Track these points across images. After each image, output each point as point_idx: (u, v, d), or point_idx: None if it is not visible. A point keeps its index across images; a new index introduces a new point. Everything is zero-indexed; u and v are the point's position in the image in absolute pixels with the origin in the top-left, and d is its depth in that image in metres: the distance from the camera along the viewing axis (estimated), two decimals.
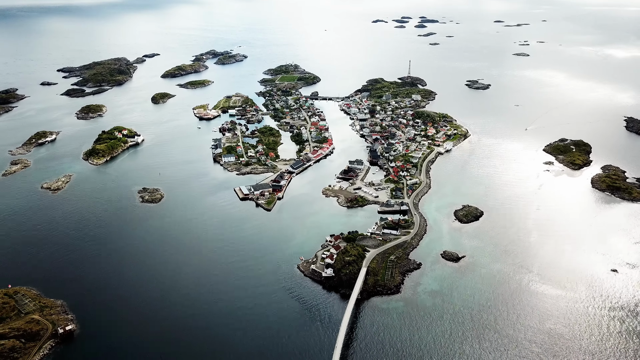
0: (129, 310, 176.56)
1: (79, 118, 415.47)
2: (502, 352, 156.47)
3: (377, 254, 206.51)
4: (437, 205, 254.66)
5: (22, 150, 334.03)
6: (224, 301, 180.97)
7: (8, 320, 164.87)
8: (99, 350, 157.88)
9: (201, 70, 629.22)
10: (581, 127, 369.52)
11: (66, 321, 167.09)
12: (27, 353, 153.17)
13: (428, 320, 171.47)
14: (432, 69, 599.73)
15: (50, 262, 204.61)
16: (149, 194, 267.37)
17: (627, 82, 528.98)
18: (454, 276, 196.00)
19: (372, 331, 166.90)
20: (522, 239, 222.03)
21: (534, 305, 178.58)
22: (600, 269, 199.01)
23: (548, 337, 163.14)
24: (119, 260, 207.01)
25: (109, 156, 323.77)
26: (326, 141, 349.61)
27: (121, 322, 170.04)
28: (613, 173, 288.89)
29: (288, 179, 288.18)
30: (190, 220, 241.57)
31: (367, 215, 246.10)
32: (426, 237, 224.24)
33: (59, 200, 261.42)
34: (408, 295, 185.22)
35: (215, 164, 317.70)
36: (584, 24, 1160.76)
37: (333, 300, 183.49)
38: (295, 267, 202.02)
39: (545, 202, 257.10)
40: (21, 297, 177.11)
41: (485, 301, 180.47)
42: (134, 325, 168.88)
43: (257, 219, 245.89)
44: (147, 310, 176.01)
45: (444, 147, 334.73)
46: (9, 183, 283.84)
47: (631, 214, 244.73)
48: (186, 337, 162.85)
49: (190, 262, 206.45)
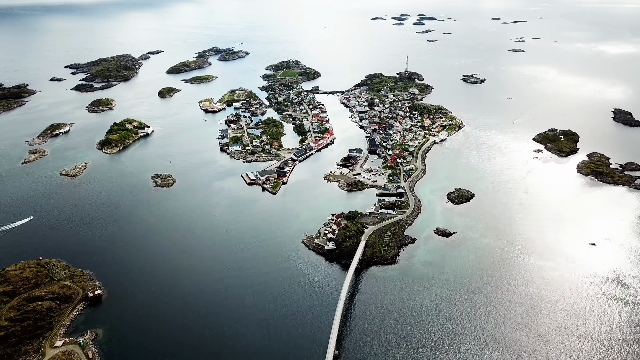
0: (148, 278, 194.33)
1: (89, 111, 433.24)
2: (489, 311, 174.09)
3: (375, 229, 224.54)
4: (431, 189, 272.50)
5: (39, 140, 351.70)
6: (234, 270, 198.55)
7: (42, 285, 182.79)
8: (124, 312, 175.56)
9: (205, 66, 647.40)
10: (570, 119, 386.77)
11: (94, 287, 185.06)
12: (62, 313, 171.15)
13: (422, 285, 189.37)
14: (429, 65, 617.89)
15: (75, 238, 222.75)
16: (162, 179, 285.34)
17: (618, 77, 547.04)
18: (446, 249, 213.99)
19: (370, 295, 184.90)
20: (509, 217, 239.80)
21: (517, 273, 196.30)
22: (579, 242, 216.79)
23: (530, 299, 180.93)
24: (138, 236, 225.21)
25: (121, 146, 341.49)
26: (327, 132, 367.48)
27: (142, 289, 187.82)
28: (597, 159, 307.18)
29: (292, 165, 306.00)
30: (202, 202, 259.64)
31: (366, 198, 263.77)
32: (420, 216, 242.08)
33: (78, 185, 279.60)
34: (403, 265, 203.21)
35: (222, 153, 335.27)
36: (580, 21, 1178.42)
37: (335, 270, 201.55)
38: (300, 242, 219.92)
39: (533, 186, 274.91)
40: (52, 266, 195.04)
41: (474, 270, 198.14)
42: (153, 292, 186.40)
43: (263, 201, 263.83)
44: (165, 279, 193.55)
45: (439, 136, 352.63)
46: (29, 170, 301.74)
47: (611, 195, 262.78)
48: (200, 301, 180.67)
49: (202, 238, 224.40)
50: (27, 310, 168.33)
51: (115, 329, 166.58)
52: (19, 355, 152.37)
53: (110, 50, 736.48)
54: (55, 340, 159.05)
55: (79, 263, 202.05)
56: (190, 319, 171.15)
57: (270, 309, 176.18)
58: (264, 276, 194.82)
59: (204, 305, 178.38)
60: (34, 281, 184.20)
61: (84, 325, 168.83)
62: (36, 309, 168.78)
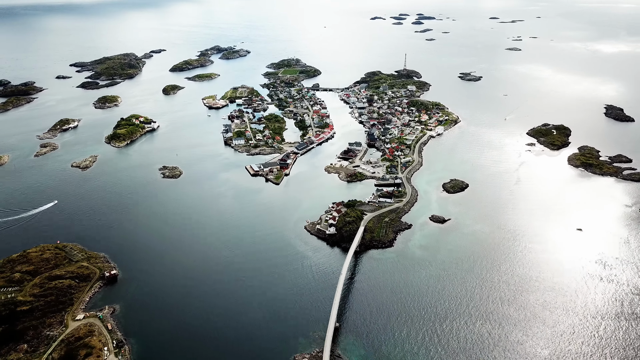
0: (160, 260, 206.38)
1: (96, 107, 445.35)
2: (479, 289, 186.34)
3: (373, 216, 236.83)
4: (427, 179, 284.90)
5: (49, 135, 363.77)
6: (240, 253, 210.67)
7: (62, 266, 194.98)
8: (139, 290, 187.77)
9: (207, 64, 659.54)
10: (563, 114, 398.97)
11: (110, 268, 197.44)
12: (81, 290, 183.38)
13: (417, 267, 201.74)
14: (427, 63, 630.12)
15: (90, 224, 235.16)
16: (169, 170, 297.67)
17: (611, 75, 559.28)
18: (440, 234, 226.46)
19: (368, 275, 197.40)
20: (501, 206, 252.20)
21: (507, 256, 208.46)
22: (567, 228, 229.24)
23: (519, 279, 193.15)
24: (149, 222, 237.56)
25: (129, 140, 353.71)
26: (327, 126, 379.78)
27: (154, 270, 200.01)
28: (588, 152, 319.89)
29: (294, 158, 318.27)
30: (208, 191, 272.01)
31: (365, 188, 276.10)
32: (417, 205, 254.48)
33: (90, 176, 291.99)
34: (400, 249, 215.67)
35: (227, 146, 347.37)
36: (577, 21, 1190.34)
37: (335, 253, 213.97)
38: (302, 228, 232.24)
39: (525, 177, 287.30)
40: (70, 249, 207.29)
41: (466, 253, 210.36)
42: (164, 272, 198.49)
43: (267, 191, 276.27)
44: (175, 261, 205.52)
45: (435, 131, 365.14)
46: (41, 162, 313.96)
47: (599, 185, 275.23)
48: (207, 279, 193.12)
49: (209, 224, 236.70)
50: (49, 287, 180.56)
51: (130, 305, 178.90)
52: (44, 327, 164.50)
53: (113, 49, 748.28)
54: (77, 314, 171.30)
55: (94, 247, 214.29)
56: (198, 296, 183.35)
57: (275, 287, 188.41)
58: (269, 258, 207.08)
59: (211, 284, 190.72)
60: (53, 262, 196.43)
61: (102, 301, 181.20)
62: (57, 286, 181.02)
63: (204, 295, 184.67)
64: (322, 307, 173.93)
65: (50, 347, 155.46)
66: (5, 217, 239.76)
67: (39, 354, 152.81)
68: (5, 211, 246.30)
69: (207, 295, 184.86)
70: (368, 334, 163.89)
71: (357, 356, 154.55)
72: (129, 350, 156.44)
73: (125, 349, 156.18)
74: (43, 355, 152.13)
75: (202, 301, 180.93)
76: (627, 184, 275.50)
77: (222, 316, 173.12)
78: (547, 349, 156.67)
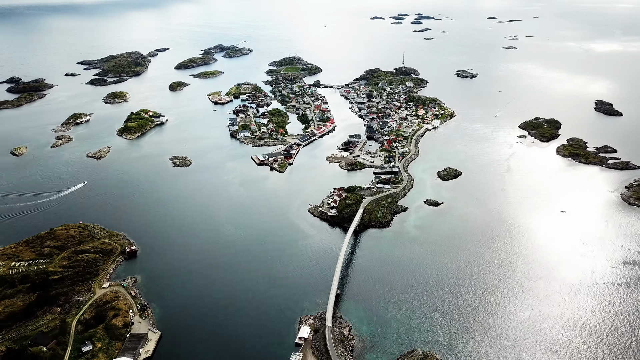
0: (174, 238, 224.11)
1: (106, 103, 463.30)
2: (472, 262, 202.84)
3: (372, 200, 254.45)
4: (422, 168, 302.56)
5: (63, 128, 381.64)
6: (248, 232, 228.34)
7: (86, 242, 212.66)
8: (157, 263, 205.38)
9: (211, 62, 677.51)
10: (555, 109, 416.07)
11: (130, 244, 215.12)
12: (105, 263, 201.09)
13: (412, 244, 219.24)
14: (425, 61, 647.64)
15: (109, 206, 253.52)
16: (179, 160, 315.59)
17: (603, 73, 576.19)
18: (434, 216, 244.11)
19: (367, 250, 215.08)
20: (491, 191, 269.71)
21: (496, 234, 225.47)
22: (552, 210, 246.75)
23: (505, 253, 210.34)
24: (163, 205, 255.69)
25: (139, 132, 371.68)
26: (328, 120, 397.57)
27: (171, 246, 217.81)
28: (575, 143, 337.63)
29: (297, 149, 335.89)
30: (217, 179, 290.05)
31: (364, 176, 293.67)
32: (412, 190, 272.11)
33: (105, 165, 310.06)
34: (396, 228, 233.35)
35: (233, 139, 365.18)
36: (574, 20, 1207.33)
37: (337, 232, 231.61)
38: (306, 210, 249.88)
39: (515, 166, 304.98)
40: (92, 228, 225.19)
41: (458, 232, 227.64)
42: (179, 248, 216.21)
43: (272, 178, 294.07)
44: (188, 238, 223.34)
45: (432, 124, 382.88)
46: (58, 153, 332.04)
47: (585, 173, 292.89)
48: (218, 255, 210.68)
49: (219, 207, 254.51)
50: (76, 260, 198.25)
51: (150, 276, 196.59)
52: (74, 293, 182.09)
53: (118, 48, 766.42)
54: (102, 282, 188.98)
55: (114, 226, 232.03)
56: (211, 269, 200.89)
57: (281, 261, 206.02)
58: (275, 236, 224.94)
59: (222, 258, 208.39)
60: (78, 239, 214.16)
61: (124, 272, 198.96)
62: (84, 259, 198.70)
63: (216, 267, 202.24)
64: (325, 278, 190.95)
65: (82, 309, 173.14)
66: (31, 201, 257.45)
67: (72, 315, 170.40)
68: (31, 194, 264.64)
69: (219, 267, 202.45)
70: (366, 300, 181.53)
71: (356, 317, 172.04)
72: (151, 312, 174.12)
73: (149, 311, 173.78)
74: (75, 316, 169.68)
75: (214, 273, 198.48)
76: (611, 172, 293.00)
77: (233, 285, 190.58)
78: (527, 311, 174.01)
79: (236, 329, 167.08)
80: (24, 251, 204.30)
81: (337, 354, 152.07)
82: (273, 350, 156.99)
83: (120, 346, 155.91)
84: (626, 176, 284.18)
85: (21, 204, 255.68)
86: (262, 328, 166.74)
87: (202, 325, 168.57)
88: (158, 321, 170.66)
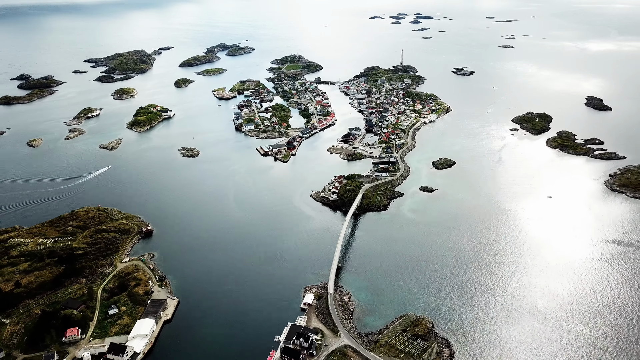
0: (187, 220, 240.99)
1: (114, 98, 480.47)
2: (462, 241, 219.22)
3: (370, 186, 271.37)
4: (418, 158, 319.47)
5: (75, 121, 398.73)
6: (255, 216, 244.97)
7: (105, 223, 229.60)
8: (171, 241, 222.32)
9: (214, 60, 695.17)
10: (547, 104, 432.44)
11: (146, 225, 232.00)
12: (124, 241, 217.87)
13: (408, 225, 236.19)
14: (423, 59, 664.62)
15: (124, 192, 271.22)
16: (188, 151, 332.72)
17: (596, 71, 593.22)
18: (428, 201, 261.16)
19: (365, 230, 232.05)
20: (483, 179, 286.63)
21: (485, 217, 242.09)
22: (539, 196, 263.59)
23: (493, 233, 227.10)
24: (174, 191, 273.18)
25: (148, 126, 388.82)
26: (329, 114, 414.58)
27: (184, 227, 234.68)
28: (565, 135, 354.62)
29: (299, 141, 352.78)
30: (224, 168, 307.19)
31: (364, 165, 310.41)
32: (408, 178, 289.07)
33: (117, 155, 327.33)
34: (393, 211, 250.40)
35: (237, 132, 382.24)
36: (570, 20, 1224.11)
37: (337, 215, 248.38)
38: (308, 196, 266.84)
39: (506, 156, 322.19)
40: (110, 211, 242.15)
41: (450, 215, 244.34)
42: (192, 229, 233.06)
43: (276, 168, 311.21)
44: (199, 220, 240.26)
45: (428, 118, 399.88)
46: (72, 144, 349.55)
47: (572, 163, 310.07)
48: (229, 234, 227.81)
49: (227, 192, 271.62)
50: (97, 237, 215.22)
51: (166, 252, 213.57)
52: (97, 266, 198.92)
53: (122, 47, 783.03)
54: (122, 257, 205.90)
55: (130, 210, 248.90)
56: (221, 246, 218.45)
57: (286, 239, 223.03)
58: (280, 218, 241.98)
59: (231, 237, 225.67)
60: (98, 220, 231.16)
61: (142, 249, 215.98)
62: (105, 237, 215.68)
63: (226, 244, 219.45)
64: (326, 254, 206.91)
65: (106, 280, 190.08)
66: (50, 188, 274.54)
67: (97, 284, 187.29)
68: (51, 181, 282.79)
69: (228, 245, 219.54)
70: (364, 272, 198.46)
71: (355, 287, 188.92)
72: (169, 282, 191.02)
73: (166, 281, 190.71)
74: (100, 285, 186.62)
75: (225, 249, 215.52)
76: (597, 161, 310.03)
77: (242, 260, 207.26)
78: (512, 282, 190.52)
79: (246, 296, 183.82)
80: (49, 230, 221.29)
81: (338, 317, 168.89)
82: (281, 314, 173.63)
83: (143, 310, 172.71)
84: (611, 165, 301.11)
85: (42, 190, 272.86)
86: (270, 295, 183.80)
87: (215, 293, 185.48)
88: (175, 290, 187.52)
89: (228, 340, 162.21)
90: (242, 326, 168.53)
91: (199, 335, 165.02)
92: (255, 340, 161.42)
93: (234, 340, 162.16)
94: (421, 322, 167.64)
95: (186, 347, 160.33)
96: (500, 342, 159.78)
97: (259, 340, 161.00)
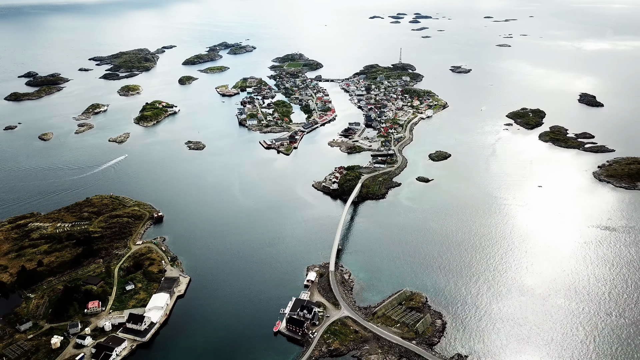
0: (196, 207, 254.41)
1: (121, 95, 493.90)
2: (457, 227, 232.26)
3: (369, 176, 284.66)
4: (415, 151, 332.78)
5: (83, 117, 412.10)
6: (260, 204, 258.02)
7: (118, 209, 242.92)
8: (181, 226, 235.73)
9: (216, 59, 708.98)
10: (541, 100, 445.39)
11: (157, 211, 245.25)
12: (136, 225, 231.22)
13: (405, 211, 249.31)
14: (421, 57, 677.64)
15: (135, 181, 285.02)
16: (194, 144, 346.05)
17: (590, 68, 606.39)
18: (424, 190, 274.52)
19: (364, 217, 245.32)
20: (477, 170, 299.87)
21: (479, 205, 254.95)
22: (530, 185, 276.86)
23: (486, 219, 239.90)
24: (183, 180, 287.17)
25: (155, 121, 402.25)
26: (329, 110, 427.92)
27: (193, 213, 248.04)
28: (557, 130, 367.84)
29: (301, 135, 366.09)
30: (229, 160, 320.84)
31: (363, 158, 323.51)
32: (406, 169, 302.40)
33: (126, 148, 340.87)
34: (391, 200, 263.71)
35: (241, 126, 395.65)
36: (568, 20, 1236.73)
37: (338, 203, 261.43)
38: (310, 186, 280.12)
39: (500, 149, 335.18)
40: (122, 198, 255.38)
41: (445, 203, 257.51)
42: (201, 215, 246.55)
43: (279, 160, 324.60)
44: (207, 207, 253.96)
45: (425, 114, 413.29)
46: (82, 138, 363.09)
47: (562, 155, 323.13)
48: (235, 220, 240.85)
49: (233, 182, 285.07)
50: (112, 222, 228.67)
51: (176, 235, 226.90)
52: (113, 248, 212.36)
53: (125, 45, 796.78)
54: (136, 240, 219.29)
55: (141, 198, 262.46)
56: (229, 230, 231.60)
57: (289, 224, 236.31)
58: (283, 206, 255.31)
59: (237, 222, 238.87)
60: (111, 206, 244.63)
61: (154, 233, 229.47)
62: (119, 222, 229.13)
63: (233, 229, 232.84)
64: (327, 237, 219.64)
65: (121, 260, 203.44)
66: (64, 177, 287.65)
67: (114, 264, 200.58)
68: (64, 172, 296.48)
69: (235, 229, 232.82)
70: (363, 253, 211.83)
71: (355, 266, 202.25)
72: (180, 262, 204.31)
73: (178, 261, 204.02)
74: (117, 264, 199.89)
75: (232, 233, 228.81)
76: (587, 154, 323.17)
77: (248, 243, 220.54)
78: (502, 263, 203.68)
79: (253, 275, 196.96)
80: (66, 216, 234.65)
81: (339, 292, 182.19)
82: (285, 290, 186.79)
83: (157, 286, 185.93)
84: (600, 158, 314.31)
85: (56, 180, 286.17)
86: (274, 273, 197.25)
87: (224, 271, 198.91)
88: (186, 269, 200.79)
89: (237, 312, 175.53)
90: (249, 301, 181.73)
91: (210, 308, 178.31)
92: (262, 312, 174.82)
93: (243, 312, 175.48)
94: (416, 296, 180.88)
95: (198, 318, 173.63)
96: (489, 314, 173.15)
97: (265, 312, 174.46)
